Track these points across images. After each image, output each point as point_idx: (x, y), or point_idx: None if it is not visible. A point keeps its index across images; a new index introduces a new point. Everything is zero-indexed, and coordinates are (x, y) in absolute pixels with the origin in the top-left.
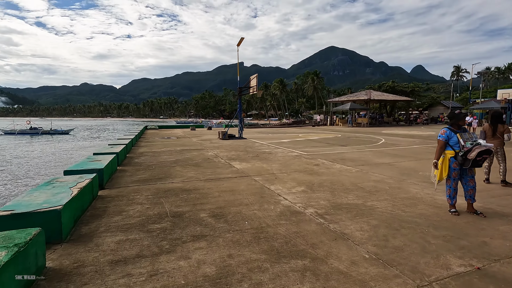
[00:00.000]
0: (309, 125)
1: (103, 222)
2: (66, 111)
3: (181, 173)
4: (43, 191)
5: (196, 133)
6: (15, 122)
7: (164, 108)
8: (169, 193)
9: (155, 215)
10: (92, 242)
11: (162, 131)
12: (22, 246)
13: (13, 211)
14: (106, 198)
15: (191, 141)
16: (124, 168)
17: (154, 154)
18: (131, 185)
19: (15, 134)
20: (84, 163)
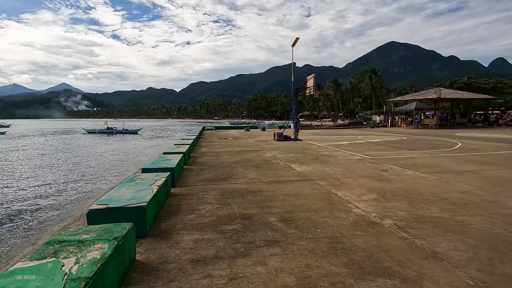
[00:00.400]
0: (367, 126)
1: (178, 219)
2: (134, 112)
3: (243, 174)
4: (128, 187)
5: (251, 134)
6: (95, 122)
7: (219, 110)
8: (235, 194)
9: (225, 216)
10: (172, 239)
11: (218, 131)
12: (120, 240)
13: (107, 205)
14: (178, 195)
15: (248, 142)
16: (190, 167)
17: (214, 154)
18: (198, 184)
19: (95, 133)
20: (157, 161)
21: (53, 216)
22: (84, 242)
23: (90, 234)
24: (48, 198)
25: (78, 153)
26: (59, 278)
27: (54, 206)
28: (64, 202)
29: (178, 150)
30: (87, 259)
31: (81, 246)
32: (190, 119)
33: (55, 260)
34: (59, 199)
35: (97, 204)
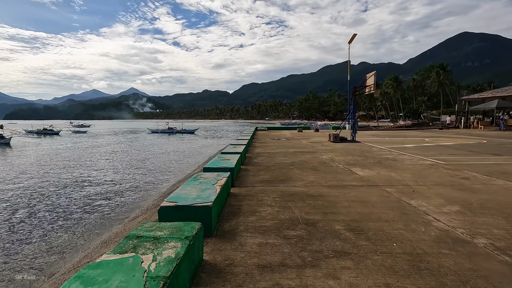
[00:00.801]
0: (434, 127)
1: (240, 220)
2: (191, 113)
3: (301, 176)
4: (193, 186)
5: (304, 135)
6: (158, 123)
7: (270, 110)
8: (295, 197)
9: (287, 220)
10: (236, 241)
11: (271, 132)
12: (191, 240)
13: (176, 203)
14: (238, 196)
15: (302, 143)
16: (247, 167)
17: (269, 155)
18: (256, 185)
19: (158, 133)
20: (217, 161)
21: (124, 207)
22: (159, 239)
23: (163, 232)
24: (119, 191)
25: (144, 150)
26: (140, 275)
27: (125, 197)
28: (132, 194)
29: (235, 150)
30: (163, 257)
31: (156, 243)
32: (242, 120)
33: (135, 255)
34: (129, 192)
35: (167, 201)
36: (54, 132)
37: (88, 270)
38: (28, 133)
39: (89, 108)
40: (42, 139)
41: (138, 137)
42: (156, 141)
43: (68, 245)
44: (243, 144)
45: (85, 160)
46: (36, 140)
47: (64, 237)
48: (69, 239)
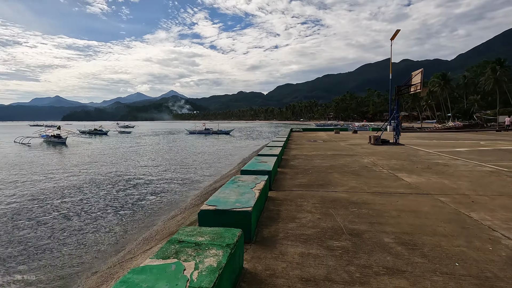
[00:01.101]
0: (490, 129)
1: (280, 227)
2: (226, 115)
3: (341, 181)
4: (232, 189)
5: (342, 136)
6: (195, 124)
7: (304, 111)
8: (337, 204)
9: (330, 229)
10: (276, 249)
11: (306, 133)
12: (232, 248)
13: (215, 206)
14: (275, 200)
15: (340, 146)
16: (283, 170)
17: (306, 157)
18: (294, 189)
19: (195, 134)
20: (254, 163)
21: (163, 204)
22: (200, 245)
23: (204, 237)
24: (159, 188)
25: (182, 150)
26: (182, 284)
27: (164, 195)
28: (171, 193)
29: (272, 152)
30: (205, 266)
31: (197, 249)
32: (276, 121)
33: (177, 262)
34: (168, 190)
35: (206, 204)
36: (103, 132)
37: (132, 275)
38: (81, 133)
39: (133, 110)
40: (93, 138)
41: (177, 138)
42: (193, 142)
43: (113, 237)
44: (279, 146)
45: (128, 159)
46: (88, 139)
47: (109, 229)
48: (114, 231)
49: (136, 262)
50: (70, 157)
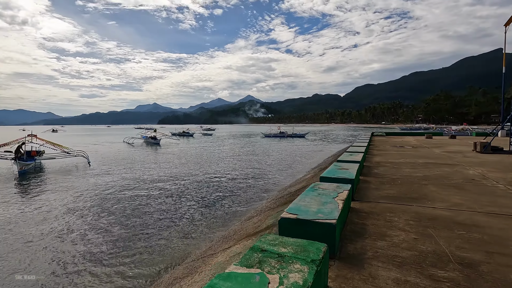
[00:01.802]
0: None
1: (367, 244)
2: (300, 118)
3: (440, 195)
4: (312, 197)
5: (435, 142)
6: (270, 127)
7: (387, 114)
8: (437, 223)
9: (431, 254)
10: (365, 271)
11: (390, 138)
12: (318, 265)
13: (296, 215)
14: (359, 212)
15: (434, 153)
16: (366, 178)
17: (393, 165)
18: (381, 201)
19: (270, 137)
20: (334, 170)
21: (240, 204)
22: (283, 257)
23: (287, 249)
24: (236, 188)
25: (258, 152)
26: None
27: (240, 195)
28: (247, 194)
29: (352, 158)
30: (290, 282)
31: (281, 261)
32: (354, 124)
33: (261, 273)
34: (244, 191)
35: (287, 212)
36: (189, 134)
37: (219, 281)
38: (172, 135)
39: (214, 114)
40: (181, 140)
41: (252, 140)
42: (268, 144)
43: (196, 231)
44: (361, 152)
45: (209, 158)
46: (177, 141)
47: (193, 223)
48: (197, 225)
49: (217, 259)
50: (162, 156)
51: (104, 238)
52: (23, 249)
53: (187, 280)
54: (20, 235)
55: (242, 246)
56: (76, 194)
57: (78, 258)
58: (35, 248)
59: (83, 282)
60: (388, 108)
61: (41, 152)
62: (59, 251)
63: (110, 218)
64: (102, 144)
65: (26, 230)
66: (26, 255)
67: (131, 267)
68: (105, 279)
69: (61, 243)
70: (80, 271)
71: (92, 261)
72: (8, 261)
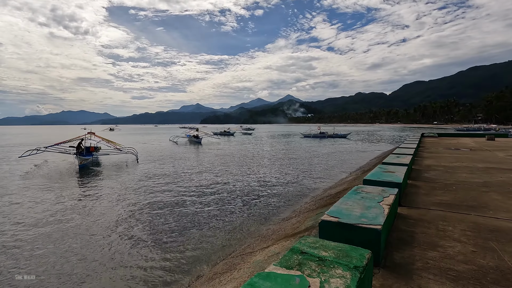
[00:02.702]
0: None
1: (416, 253)
2: (342, 118)
3: (504, 204)
4: (355, 200)
5: (498, 144)
6: (310, 127)
7: (439, 113)
8: (500, 236)
9: (493, 270)
10: (414, 282)
11: (443, 139)
12: (361, 272)
13: (338, 219)
14: (407, 219)
15: (497, 156)
16: (415, 183)
17: (446, 169)
18: (432, 208)
19: (310, 137)
20: (379, 173)
21: (278, 205)
22: (324, 261)
23: (328, 253)
24: (275, 187)
25: (297, 153)
26: None
27: (278, 196)
28: (285, 194)
29: (399, 161)
30: (331, 287)
31: (321, 265)
32: (401, 124)
33: (301, 275)
34: (282, 191)
35: (328, 215)
36: (230, 133)
37: (258, 280)
38: (214, 134)
39: (253, 114)
40: (222, 139)
41: (291, 141)
42: (308, 145)
43: (236, 229)
44: (409, 154)
45: (248, 158)
46: (217, 140)
47: (234, 221)
48: (237, 224)
49: (255, 258)
50: (204, 155)
51: (150, 231)
52: (83, 236)
53: (226, 276)
54: (79, 223)
55: (280, 246)
56: (124, 187)
57: (126, 248)
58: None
59: (122, 270)
60: (441, 106)
61: (98, 148)
62: (109, 240)
63: (153, 211)
64: (150, 143)
65: (84, 218)
66: (82, 241)
67: (174, 260)
68: (147, 270)
69: (111, 233)
70: (128, 260)
71: (136, 254)
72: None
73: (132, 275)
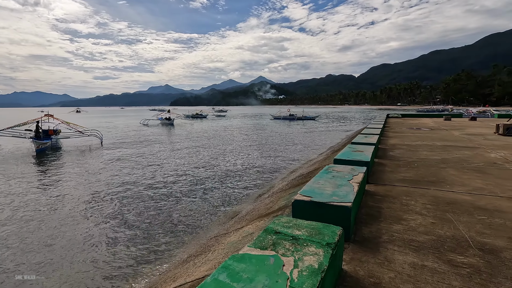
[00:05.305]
0: None
1: (382, 227)
2: (313, 99)
3: (459, 179)
4: (326, 180)
5: (454, 124)
6: (280, 110)
7: (403, 95)
8: (456, 208)
9: (450, 239)
10: (381, 254)
11: (406, 120)
12: (333, 248)
13: (311, 198)
14: (375, 195)
15: (453, 135)
16: (381, 161)
17: (409, 148)
18: (397, 184)
19: (280, 119)
20: (349, 152)
21: (251, 184)
22: (298, 239)
23: (301, 231)
24: (248, 168)
25: (267, 134)
26: (283, 283)
27: (251, 176)
28: (258, 174)
29: (367, 140)
30: (305, 265)
31: (295, 244)
32: (368, 106)
33: (276, 255)
34: (255, 171)
35: (301, 194)
36: (203, 116)
37: (233, 262)
38: (186, 117)
39: (226, 96)
40: (195, 121)
41: (262, 123)
42: (278, 127)
43: (208, 211)
44: (376, 134)
45: (222, 139)
46: (191, 121)
47: (205, 203)
48: (209, 206)
49: (230, 239)
50: (176, 137)
51: (119, 218)
52: (39, 227)
53: (201, 258)
54: (35, 213)
55: (254, 226)
56: (89, 173)
57: (93, 235)
58: (50, 224)
59: (98, 257)
60: (405, 89)
61: (58, 132)
62: (73, 229)
63: (122, 198)
64: (118, 126)
65: (40, 208)
66: (41, 234)
67: (147, 246)
68: (117, 255)
69: (74, 221)
70: (95, 249)
71: (104, 242)
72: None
73: (104, 262)
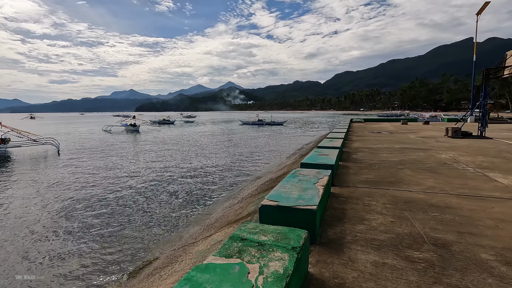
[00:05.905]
0: None
1: (346, 228)
2: (282, 105)
3: (415, 179)
4: (293, 184)
5: (410, 128)
6: (249, 115)
7: (365, 100)
8: (412, 206)
9: (407, 236)
10: (345, 255)
11: (368, 124)
12: (298, 252)
13: (277, 202)
14: (339, 197)
15: (409, 138)
16: (345, 164)
17: (370, 150)
18: (360, 186)
19: (249, 124)
20: (315, 156)
21: (221, 190)
22: (264, 245)
23: (267, 237)
24: (216, 176)
25: (237, 140)
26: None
27: (221, 183)
28: (227, 180)
29: (332, 144)
30: (270, 271)
31: (261, 250)
32: (333, 111)
33: (241, 263)
34: (224, 178)
35: (268, 199)
36: (170, 122)
37: (196, 273)
38: (152, 123)
39: (194, 101)
40: (162, 127)
41: (231, 128)
42: (247, 132)
43: (177, 220)
44: (340, 138)
45: (190, 146)
46: (158, 128)
47: (173, 212)
48: (177, 215)
49: (198, 248)
50: (142, 144)
51: (78, 230)
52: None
53: (167, 270)
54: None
55: (223, 234)
56: (43, 185)
57: (48, 252)
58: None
59: (62, 274)
60: (367, 95)
61: (7, 140)
62: (26, 246)
63: (81, 209)
64: (77, 133)
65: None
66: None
67: (109, 260)
68: (79, 271)
69: (28, 236)
70: (59, 263)
71: (66, 255)
72: None
73: (64, 276)
